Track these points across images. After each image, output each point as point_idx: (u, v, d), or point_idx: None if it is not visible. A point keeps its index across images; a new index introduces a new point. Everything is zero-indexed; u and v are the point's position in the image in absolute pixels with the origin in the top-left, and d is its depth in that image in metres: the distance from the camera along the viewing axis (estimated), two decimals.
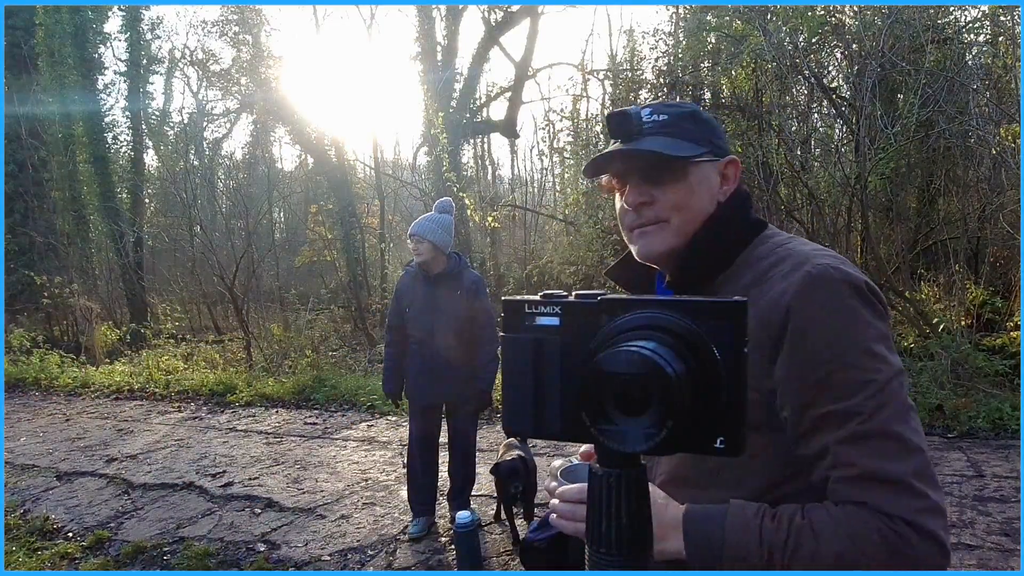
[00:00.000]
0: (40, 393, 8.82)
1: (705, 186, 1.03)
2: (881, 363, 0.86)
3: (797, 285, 0.89)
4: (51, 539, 4.16)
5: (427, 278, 3.67)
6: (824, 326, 0.87)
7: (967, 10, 7.56)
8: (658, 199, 1.01)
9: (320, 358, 8.91)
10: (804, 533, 0.82)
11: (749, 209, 1.06)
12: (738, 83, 8.19)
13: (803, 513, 0.85)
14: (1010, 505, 3.66)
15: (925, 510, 0.81)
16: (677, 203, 1.01)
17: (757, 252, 1.00)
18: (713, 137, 1.04)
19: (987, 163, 7.31)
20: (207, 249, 10.73)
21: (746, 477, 0.92)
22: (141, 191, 15.37)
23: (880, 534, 0.80)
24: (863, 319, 0.88)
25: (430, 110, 11.51)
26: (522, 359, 0.56)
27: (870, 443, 0.83)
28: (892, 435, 0.83)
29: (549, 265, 10.74)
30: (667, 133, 1.01)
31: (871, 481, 0.82)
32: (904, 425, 0.84)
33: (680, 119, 1.03)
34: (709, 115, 1.09)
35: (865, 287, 0.90)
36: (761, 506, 0.87)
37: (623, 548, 0.48)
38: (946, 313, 6.50)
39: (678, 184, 1.01)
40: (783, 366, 0.88)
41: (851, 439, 0.84)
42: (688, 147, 1.00)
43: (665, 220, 1.02)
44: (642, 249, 1.05)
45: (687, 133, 1.02)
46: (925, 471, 0.83)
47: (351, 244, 12.98)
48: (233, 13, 14.89)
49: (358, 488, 4.70)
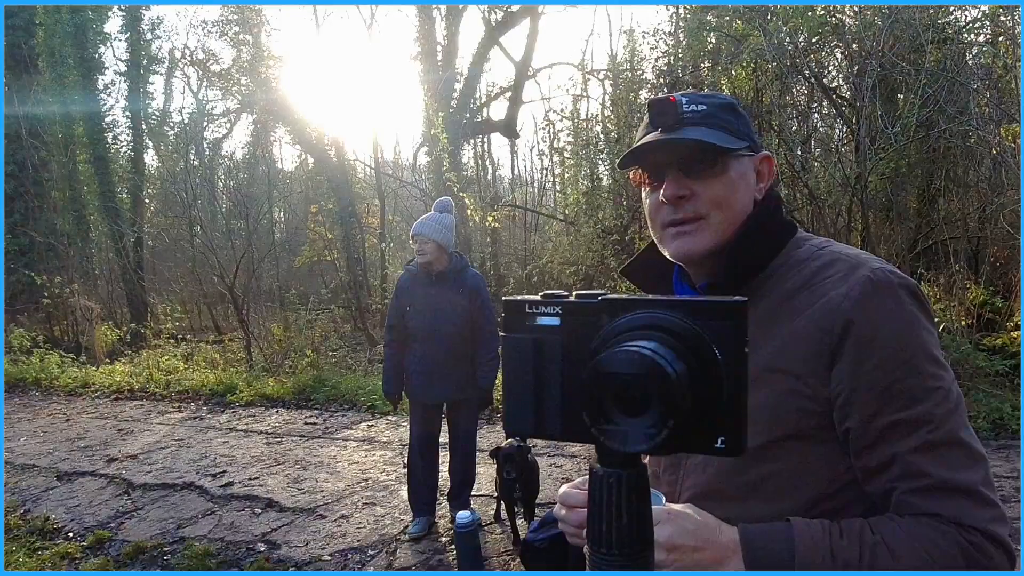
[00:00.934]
0: (40, 393, 8.82)
1: (744, 182, 0.97)
2: (943, 369, 0.85)
3: (859, 291, 0.85)
4: (51, 539, 4.16)
5: (429, 277, 3.67)
6: (891, 333, 0.84)
7: (967, 10, 7.56)
8: (698, 193, 0.94)
9: (320, 358, 8.91)
10: (879, 550, 0.79)
11: (783, 209, 1.02)
12: (738, 83, 8.19)
13: (872, 528, 0.81)
14: (1010, 505, 3.66)
15: (996, 519, 0.80)
16: (718, 199, 0.95)
17: (797, 254, 0.95)
18: (750, 131, 0.99)
19: (987, 163, 7.31)
20: (207, 249, 10.73)
21: (790, 489, 0.88)
22: (141, 191, 15.38)
23: (959, 546, 0.78)
24: (924, 325, 0.86)
25: (430, 110, 11.52)
26: (522, 359, 0.56)
27: (941, 452, 0.81)
28: (961, 443, 0.82)
29: (549, 265, 10.73)
30: (708, 124, 0.94)
31: (945, 491, 0.80)
32: (969, 432, 0.83)
33: (719, 110, 0.97)
34: (744, 108, 1.03)
35: (919, 292, 0.88)
36: (824, 522, 0.82)
37: (623, 548, 0.48)
38: (946, 313, 6.49)
39: (719, 178, 0.94)
40: (848, 375, 0.85)
41: (922, 448, 0.81)
42: (730, 139, 0.94)
43: (703, 217, 0.95)
44: (678, 249, 0.97)
45: (727, 125, 0.96)
46: (990, 479, 0.82)
47: (351, 244, 12.98)
48: (233, 13, 14.89)
49: (358, 488, 4.70)
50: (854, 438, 0.85)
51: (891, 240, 7.84)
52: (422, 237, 3.61)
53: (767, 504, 0.87)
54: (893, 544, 0.79)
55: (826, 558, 0.79)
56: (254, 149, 18.66)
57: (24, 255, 12.39)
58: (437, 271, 3.66)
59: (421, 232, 3.62)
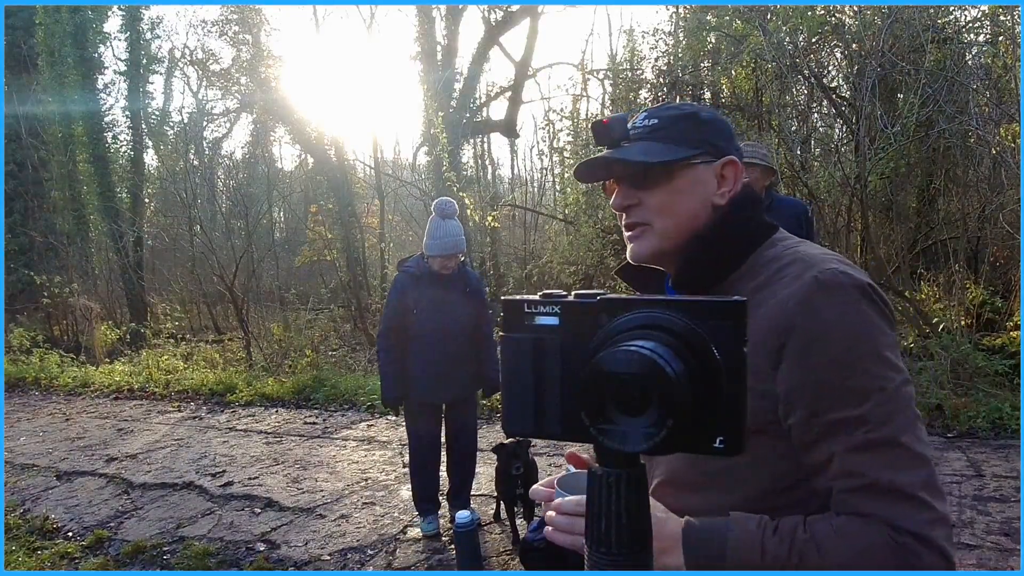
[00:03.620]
0: (40, 393, 8.82)
1: (694, 189, 1.00)
2: (891, 370, 0.85)
3: (805, 290, 0.87)
4: (51, 539, 4.16)
5: (434, 278, 3.66)
6: (835, 331, 0.85)
7: (967, 10, 7.56)
8: (643, 202, 1.01)
9: (320, 358, 8.91)
10: (808, 547, 0.81)
11: (756, 212, 1.03)
12: (738, 83, 8.20)
13: (806, 526, 0.83)
14: (1010, 505, 3.66)
15: (932, 522, 0.79)
16: (659, 207, 1.00)
17: (768, 254, 0.98)
18: (712, 138, 1.02)
19: (987, 163, 7.31)
20: (207, 249, 10.73)
21: (745, 482, 0.91)
22: (141, 191, 15.36)
23: (888, 547, 0.79)
24: (874, 324, 0.86)
25: (430, 110, 11.51)
26: (522, 359, 0.56)
27: (879, 452, 0.81)
28: (901, 444, 0.82)
29: (549, 265, 10.73)
30: (655, 138, 1.00)
31: (879, 492, 0.80)
32: (912, 435, 0.83)
33: (674, 121, 1.01)
34: (714, 115, 1.06)
35: (874, 292, 0.88)
36: (763, 519, 0.85)
37: (623, 548, 0.48)
38: (946, 313, 6.49)
39: (663, 187, 1.00)
40: (791, 371, 0.86)
41: (860, 447, 0.82)
42: (675, 150, 0.99)
43: (648, 224, 1.01)
44: (631, 252, 1.05)
45: (678, 136, 1.00)
46: (932, 482, 0.82)
47: (351, 244, 12.97)
48: (233, 13, 14.88)
49: (358, 488, 4.70)
50: (796, 436, 0.87)
51: (891, 240, 7.85)
52: (456, 254, 3.62)
53: (723, 494, 0.91)
54: (823, 542, 0.81)
55: (756, 554, 0.82)
56: (254, 149, 18.66)
57: (24, 255, 12.39)
58: (446, 272, 3.67)
59: (460, 249, 3.62)
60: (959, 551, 3.22)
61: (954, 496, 3.83)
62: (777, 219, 3.69)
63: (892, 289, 6.77)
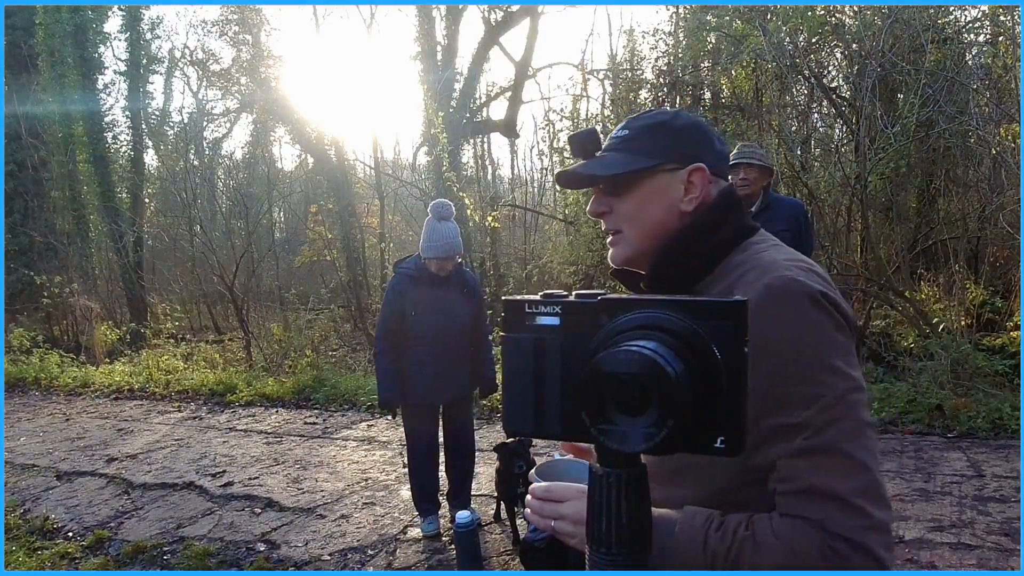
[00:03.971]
0: (40, 393, 8.82)
1: (659, 196, 1.03)
2: (836, 377, 0.86)
3: (756, 297, 0.87)
4: (51, 539, 4.16)
5: (432, 279, 3.66)
6: (781, 339, 0.86)
7: (967, 10, 7.56)
8: (614, 209, 1.05)
9: (320, 358, 8.90)
10: (746, 544, 0.84)
11: (730, 216, 1.03)
12: (738, 83, 8.20)
13: (748, 524, 0.85)
14: (1010, 505, 3.66)
15: (865, 528, 0.81)
16: (628, 214, 1.04)
17: (737, 259, 0.99)
18: (681, 146, 1.04)
19: (987, 163, 7.30)
20: (207, 249, 10.73)
21: (706, 479, 0.93)
22: (141, 191, 15.36)
23: (819, 550, 0.81)
24: (822, 332, 0.87)
25: (430, 110, 11.50)
26: (522, 359, 0.56)
27: (816, 458, 0.83)
28: (839, 451, 0.83)
29: (549, 265, 10.73)
30: (624, 148, 1.04)
31: (813, 496, 0.82)
32: (853, 442, 0.83)
33: (643, 132, 1.05)
34: (689, 122, 1.07)
35: (824, 298, 0.88)
36: (712, 514, 0.88)
37: (623, 548, 0.48)
38: (946, 313, 6.49)
39: (629, 196, 1.03)
40: None
41: (798, 453, 0.84)
42: (637, 160, 1.02)
43: (620, 231, 1.06)
44: (609, 257, 1.10)
45: (646, 145, 1.03)
46: (870, 489, 0.83)
47: (351, 244, 12.97)
48: (233, 13, 14.89)
49: (358, 488, 4.70)
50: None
51: (891, 240, 7.85)
52: (453, 256, 3.61)
53: (684, 489, 0.94)
54: (760, 541, 0.83)
55: (698, 548, 0.85)
56: (254, 149, 18.64)
57: (24, 255, 12.38)
58: (444, 274, 3.67)
59: (457, 251, 3.61)
60: (960, 551, 3.22)
61: (954, 496, 3.83)
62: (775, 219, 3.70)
63: (892, 289, 6.77)
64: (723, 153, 1.09)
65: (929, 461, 4.40)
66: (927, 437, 4.85)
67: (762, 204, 3.82)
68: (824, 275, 0.95)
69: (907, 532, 3.44)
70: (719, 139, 1.09)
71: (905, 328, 6.82)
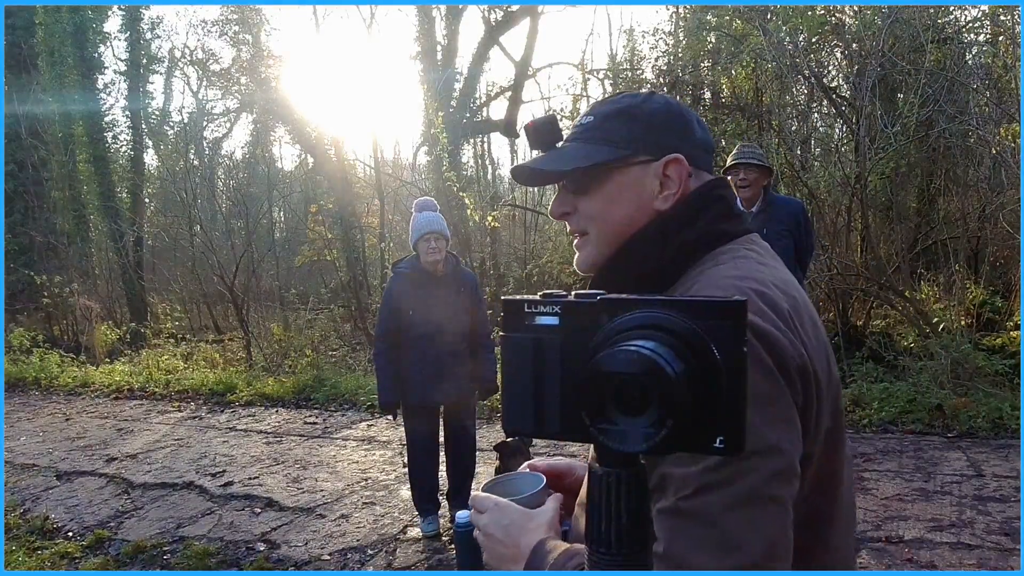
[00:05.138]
0: (40, 393, 8.82)
1: (630, 193, 0.89)
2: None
3: None
4: (51, 539, 4.16)
5: (431, 278, 3.66)
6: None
7: (967, 10, 7.57)
8: (579, 209, 0.92)
9: (320, 358, 8.91)
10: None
11: (705, 217, 0.88)
12: (738, 83, 8.20)
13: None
14: (1010, 505, 3.66)
15: None
16: (593, 214, 0.91)
17: (696, 270, 0.85)
18: (654, 135, 0.89)
19: (987, 163, 7.31)
20: (207, 249, 10.73)
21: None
22: (141, 191, 15.37)
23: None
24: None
25: (430, 110, 11.51)
26: (522, 359, 0.56)
27: (682, 522, 0.69)
28: (711, 522, 0.68)
29: (549, 265, 10.73)
30: (587, 137, 0.91)
31: (671, 566, 0.69)
32: (738, 516, 0.68)
33: (607, 118, 0.91)
34: (662, 106, 0.91)
35: (756, 334, 0.71)
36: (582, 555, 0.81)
37: (623, 548, 0.48)
38: (946, 313, 6.50)
39: (595, 193, 0.90)
40: None
41: (669, 512, 0.71)
42: (598, 152, 0.88)
43: (586, 232, 0.92)
44: (575, 263, 0.96)
45: (610, 134, 0.90)
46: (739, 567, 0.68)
47: (351, 244, 12.98)
48: (233, 13, 14.91)
49: (358, 488, 4.70)
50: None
51: (891, 240, 7.85)
52: (436, 234, 3.59)
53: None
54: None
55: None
56: (254, 149, 18.65)
57: (24, 255, 12.38)
58: (441, 271, 3.67)
59: (438, 229, 3.59)
60: (960, 551, 3.22)
61: (954, 496, 3.83)
62: (775, 219, 3.71)
63: (892, 289, 6.78)
64: (705, 141, 0.94)
65: (929, 461, 4.40)
66: (927, 437, 4.85)
67: (762, 204, 3.83)
68: (777, 301, 0.78)
69: (907, 532, 3.44)
70: (700, 124, 0.94)
71: (905, 328, 6.83)
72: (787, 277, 0.86)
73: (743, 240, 0.89)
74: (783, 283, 0.83)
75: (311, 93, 21.92)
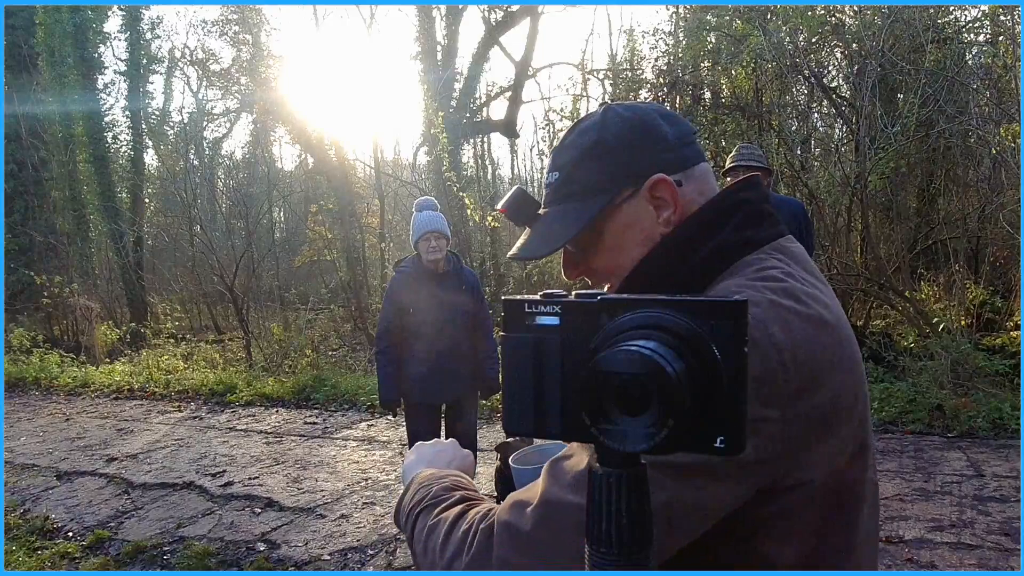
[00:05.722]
0: (40, 393, 8.82)
1: (631, 232, 0.85)
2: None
3: None
4: (51, 539, 4.16)
5: (432, 277, 3.66)
6: None
7: (967, 10, 7.57)
8: (591, 267, 0.90)
9: (320, 358, 8.91)
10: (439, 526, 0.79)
11: (712, 233, 0.81)
12: (738, 83, 8.19)
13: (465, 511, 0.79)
14: (1010, 505, 3.66)
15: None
16: (605, 267, 0.88)
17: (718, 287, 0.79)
18: (627, 164, 0.83)
19: (987, 163, 7.31)
20: (207, 249, 10.74)
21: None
22: (141, 191, 15.38)
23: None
24: None
25: (430, 110, 11.51)
26: (522, 359, 0.56)
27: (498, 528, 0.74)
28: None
29: (549, 265, 10.73)
30: (562, 197, 0.87)
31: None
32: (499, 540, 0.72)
33: (576, 168, 0.86)
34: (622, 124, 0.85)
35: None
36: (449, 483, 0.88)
37: (623, 548, 0.48)
38: (946, 313, 6.50)
39: (598, 248, 0.87)
40: None
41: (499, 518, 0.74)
42: (582, 210, 0.84)
43: (607, 282, 0.90)
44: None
45: (584, 184, 0.85)
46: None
47: (351, 244, 12.99)
48: (233, 13, 14.93)
49: (358, 488, 4.70)
50: None
51: (891, 240, 7.85)
52: (436, 233, 3.59)
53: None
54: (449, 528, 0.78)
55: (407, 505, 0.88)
56: (254, 149, 18.67)
57: (24, 255, 12.39)
58: (441, 269, 3.67)
59: (438, 228, 3.60)
60: (960, 551, 3.22)
61: (954, 496, 3.83)
62: None
63: (892, 289, 6.78)
64: (679, 135, 0.86)
65: (929, 461, 4.40)
66: (927, 437, 4.85)
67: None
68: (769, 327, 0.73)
69: (907, 532, 3.44)
70: (666, 118, 0.87)
71: (905, 328, 6.83)
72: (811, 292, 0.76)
73: (763, 251, 0.81)
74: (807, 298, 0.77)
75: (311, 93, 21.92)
